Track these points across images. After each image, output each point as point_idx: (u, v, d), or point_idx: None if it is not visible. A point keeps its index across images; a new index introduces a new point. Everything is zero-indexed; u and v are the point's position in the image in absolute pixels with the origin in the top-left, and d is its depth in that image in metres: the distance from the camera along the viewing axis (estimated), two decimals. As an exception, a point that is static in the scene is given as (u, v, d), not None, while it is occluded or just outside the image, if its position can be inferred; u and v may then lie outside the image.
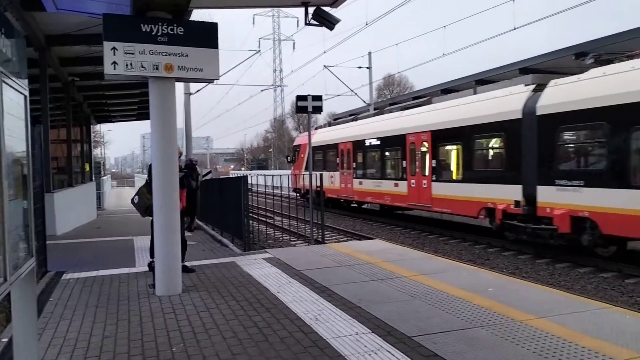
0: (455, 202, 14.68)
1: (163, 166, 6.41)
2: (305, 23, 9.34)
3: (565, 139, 11.14)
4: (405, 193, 17.47)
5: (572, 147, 11.26)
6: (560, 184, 10.93)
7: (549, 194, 11.22)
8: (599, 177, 10.14)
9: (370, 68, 28.94)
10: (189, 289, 6.61)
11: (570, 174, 10.78)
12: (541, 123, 11.39)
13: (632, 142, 9.51)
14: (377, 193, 19.66)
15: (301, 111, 10.72)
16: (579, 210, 10.46)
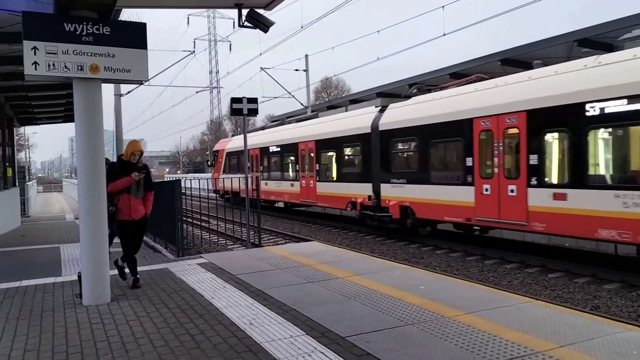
0: (332, 198, 18.37)
1: (89, 170, 6.15)
2: (239, 25, 9.27)
3: (396, 148, 15.08)
4: (298, 192, 20.85)
5: (399, 154, 15.11)
6: (393, 182, 14.91)
7: (387, 190, 15.18)
8: (414, 176, 14.19)
9: (307, 71, 29.07)
10: (119, 298, 6.39)
11: (398, 174, 14.81)
12: (381, 136, 15.39)
13: (430, 151, 13.67)
14: (278, 192, 22.74)
15: (236, 113, 10.61)
16: (404, 201, 14.42)
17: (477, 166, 11.92)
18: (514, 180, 10.88)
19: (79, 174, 6.20)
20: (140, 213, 6.98)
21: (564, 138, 10.13)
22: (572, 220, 9.66)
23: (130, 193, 6.86)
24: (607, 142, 9.64)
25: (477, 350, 4.12)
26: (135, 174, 6.81)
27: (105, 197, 6.32)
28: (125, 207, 6.86)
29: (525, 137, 10.64)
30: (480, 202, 11.76)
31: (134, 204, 6.90)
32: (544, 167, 10.44)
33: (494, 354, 4.02)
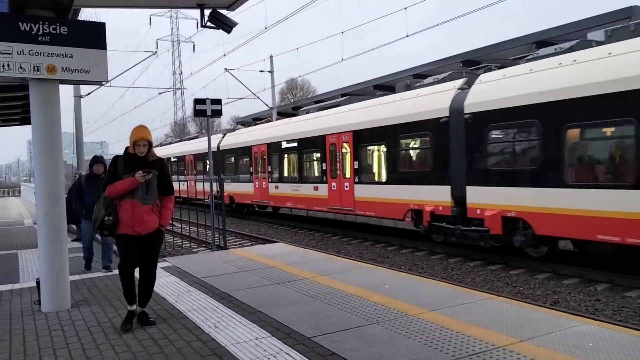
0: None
1: (46, 173, 5.98)
2: (201, 25, 9.17)
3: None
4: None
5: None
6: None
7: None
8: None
9: (272, 72, 28.98)
10: (79, 304, 6.23)
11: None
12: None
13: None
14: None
15: (200, 115, 10.50)
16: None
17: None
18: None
19: (36, 177, 6.02)
20: (149, 225, 5.16)
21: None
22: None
23: (135, 198, 5.10)
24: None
25: (440, 346, 4.19)
26: (139, 173, 5.02)
27: (63, 200, 6.16)
28: (127, 217, 5.10)
29: None
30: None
31: (139, 214, 5.11)
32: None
33: (457, 350, 4.10)
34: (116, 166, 5.18)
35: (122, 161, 5.21)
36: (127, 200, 5.09)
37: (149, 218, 5.16)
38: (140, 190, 5.09)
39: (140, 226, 5.10)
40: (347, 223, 17.64)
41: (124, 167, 5.13)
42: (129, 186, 5.05)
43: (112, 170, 5.23)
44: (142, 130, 5.21)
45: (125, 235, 5.11)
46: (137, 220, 5.10)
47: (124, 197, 5.09)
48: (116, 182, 5.06)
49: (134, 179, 5.01)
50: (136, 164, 5.10)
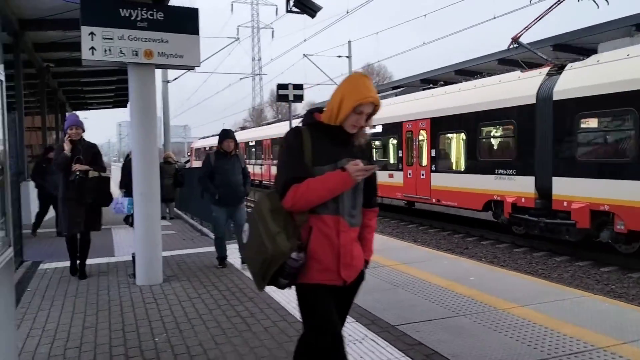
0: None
1: (143, 154, 6.29)
2: (286, 10, 9.24)
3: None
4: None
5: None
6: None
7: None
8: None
9: (349, 57, 28.89)
10: (170, 279, 6.54)
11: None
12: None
13: None
14: None
15: (282, 100, 10.64)
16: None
17: None
18: None
19: (133, 158, 6.34)
20: (358, 265, 2.71)
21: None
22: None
23: (340, 213, 2.55)
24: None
25: (534, 344, 4.01)
26: (355, 163, 2.46)
27: (158, 180, 6.45)
28: (325, 250, 2.53)
29: None
30: None
31: (346, 243, 2.58)
32: None
33: (552, 349, 3.90)
34: (301, 145, 2.50)
35: (310, 137, 2.52)
36: (325, 216, 2.50)
37: (357, 252, 2.66)
38: (347, 199, 2.55)
39: (348, 268, 2.57)
40: (424, 211, 17.32)
41: (317, 150, 2.50)
42: (339, 188, 2.45)
43: (293, 149, 2.51)
44: (368, 85, 2.54)
45: (321, 288, 2.55)
46: (346, 255, 2.54)
47: (320, 210, 2.49)
48: (311, 180, 2.43)
49: (347, 174, 2.41)
50: (339, 147, 2.55)
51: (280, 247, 2.36)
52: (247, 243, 2.53)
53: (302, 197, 2.40)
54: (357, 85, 2.51)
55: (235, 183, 7.01)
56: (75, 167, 6.22)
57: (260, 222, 2.45)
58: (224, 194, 6.93)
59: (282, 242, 2.37)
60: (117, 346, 4.29)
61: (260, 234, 2.42)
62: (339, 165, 2.46)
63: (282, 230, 2.40)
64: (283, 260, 2.38)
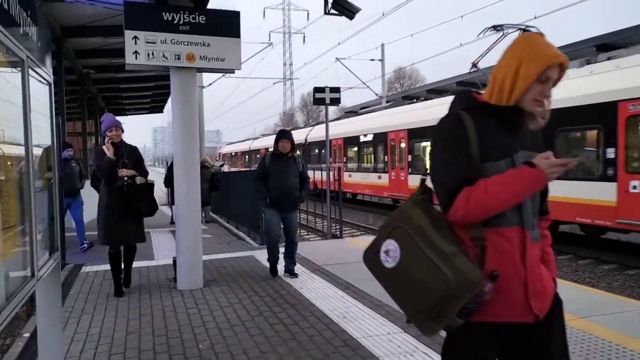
0: None
1: (185, 158, 6.28)
2: (325, 12, 9.15)
3: None
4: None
5: None
6: None
7: None
8: None
9: (382, 60, 28.67)
10: (210, 283, 6.49)
11: None
12: None
13: None
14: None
15: (319, 103, 10.55)
16: None
17: None
18: None
19: (175, 162, 6.33)
20: (550, 289, 1.91)
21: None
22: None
23: (525, 225, 1.83)
24: None
25: (599, 358, 3.77)
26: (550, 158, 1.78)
27: (199, 184, 6.41)
28: (507, 271, 1.76)
29: None
30: None
31: (533, 262, 1.83)
32: None
33: (618, 365, 3.66)
34: (466, 134, 1.82)
35: (474, 124, 1.84)
36: (505, 229, 1.81)
37: (546, 274, 1.94)
38: (530, 206, 1.90)
39: (540, 297, 1.84)
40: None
41: (486, 140, 1.83)
42: (527, 190, 1.81)
43: (457, 141, 1.83)
44: (549, 42, 1.84)
45: (502, 328, 1.83)
46: (535, 281, 1.83)
47: (497, 221, 1.79)
48: (488, 181, 1.75)
49: (538, 172, 1.75)
50: (511, 134, 1.89)
51: (467, 275, 1.66)
52: (397, 270, 1.79)
53: (478, 204, 1.73)
54: (539, 44, 1.82)
55: (290, 187, 6.51)
56: (121, 172, 5.73)
57: (421, 240, 1.75)
58: (276, 197, 6.47)
59: (467, 267, 1.67)
60: (161, 352, 4.23)
61: (424, 256, 1.72)
62: (519, 159, 1.83)
63: (460, 251, 1.71)
64: (474, 292, 1.67)
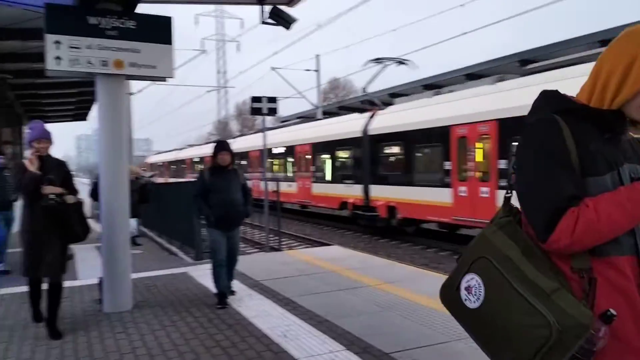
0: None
1: (111, 170, 5.88)
2: (260, 22, 9.00)
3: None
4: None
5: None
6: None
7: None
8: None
9: (318, 71, 28.83)
10: (140, 304, 6.10)
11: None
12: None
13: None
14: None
15: (256, 113, 10.35)
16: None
17: None
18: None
19: (101, 174, 5.92)
20: None
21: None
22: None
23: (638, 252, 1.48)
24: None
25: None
26: None
27: (127, 198, 6.03)
28: (623, 310, 1.39)
29: None
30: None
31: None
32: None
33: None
34: (564, 144, 1.47)
35: (571, 132, 1.49)
36: (617, 259, 1.45)
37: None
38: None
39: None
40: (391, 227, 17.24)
41: (586, 150, 1.49)
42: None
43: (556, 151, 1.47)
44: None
45: None
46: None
47: (608, 250, 1.44)
48: (598, 201, 1.41)
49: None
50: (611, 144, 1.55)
51: (574, 317, 1.33)
52: (483, 311, 1.47)
53: (588, 229, 1.38)
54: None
55: (234, 202, 6.03)
56: (46, 189, 4.89)
57: (510, 274, 1.43)
58: (221, 215, 5.95)
59: (573, 306, 1.34)
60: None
61: (516, 295, 1.40)
62: (625, 173, 1.49)
63: (561, 286, 1.39)
64: (584, 339, 1.33)
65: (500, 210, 1.61)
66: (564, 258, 1.45)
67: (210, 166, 6.21)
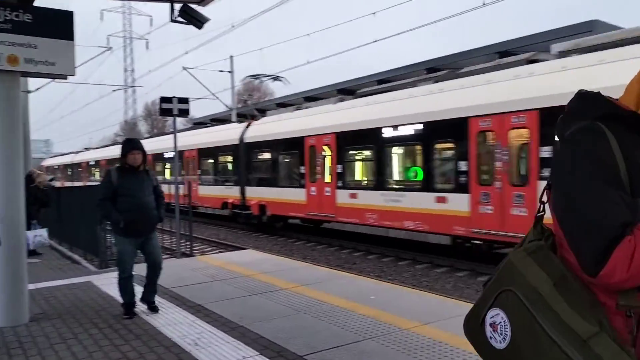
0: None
1: (5, 174, 5.43)
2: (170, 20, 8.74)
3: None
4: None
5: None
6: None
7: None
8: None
9: (232, 72, 28.42)
10: (38, 318, 5.67)
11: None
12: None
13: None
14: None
15: (166, 114, 10.01)
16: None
17: None
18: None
19: (-7, 178, 5.45)
20: None
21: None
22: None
23: None
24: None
25: (445, 365, 3.98)
26: None
27: (22, 204, 5.60)
28: None
29: None
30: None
31: None
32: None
33: (462, 369, 3.90)
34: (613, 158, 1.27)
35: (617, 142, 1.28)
36: None
37: None
38: None
39: None
40: (312, 228, 17.39)
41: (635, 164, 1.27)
42: None
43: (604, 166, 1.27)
44: None
45: None
46: None
47: None
48: None
49: None
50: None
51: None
52: (509, 355, 1.29)
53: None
54: None
55: (146, 206, 5.56)
56: None
57: (540, 313, 1.24)
58: (132, 220, 5.45)
59: (614, 355, 1.16)
60: (-27, 409, 3.54)
61: (546, 340, 1.21)
62: None
63: (601, 329, 1.19)
64: None
65: (530, 232, 1.40)
66: (609, 292, 1.22)
67: (119, 166, 5.68)
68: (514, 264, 1.33)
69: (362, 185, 14.03)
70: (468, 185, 10.62)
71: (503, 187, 9.95)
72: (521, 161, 9.87)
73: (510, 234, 9.69)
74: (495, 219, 10.12)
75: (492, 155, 10.19)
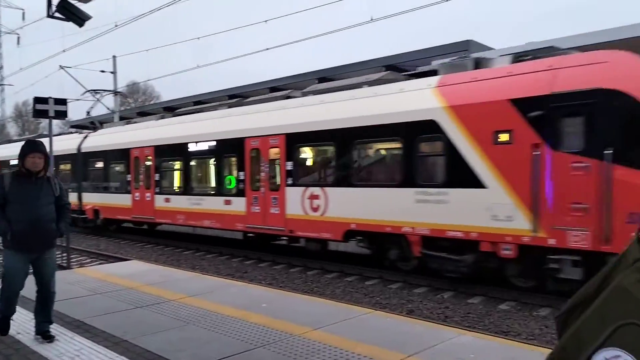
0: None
1: None
2: (47, 15, 8.17)
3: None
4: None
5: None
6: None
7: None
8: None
9: (115, 73, 26.99)
10: None
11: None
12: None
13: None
14: None
15: (40, 116, 9.25)
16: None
17: None
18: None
19: None
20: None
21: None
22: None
23: None
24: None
25: (335, 368, 4.07)
26: None
27: None
28: None
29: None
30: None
31: None
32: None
33: (351, 371, 4.01)
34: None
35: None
36: None
37: None
38: None
39: None
40: (201, 236, 16.98)
41: None
42: None
43: None
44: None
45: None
46: None
47: None
48: None
49: None
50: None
51: None
52: None
53: None
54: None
55: (41, 218, 4.88)
56: None
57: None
58: (22, 233, 4.78)
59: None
60: None
61: None
62: None
63: None
64: None
65: (634, 248, 1.17)
66: None
67: (15, 171, 5.02)
68: (627, 290, 1.08)
69: (174, 191, 16.22)
70: (245, 190, 13.30)
71: (265, 192, 12.84)
72: (276, 172, 12.75)
73: (268, 227, 13.00)
74: (261, 216, 12.98)
75: (259, 167, 13.02)
